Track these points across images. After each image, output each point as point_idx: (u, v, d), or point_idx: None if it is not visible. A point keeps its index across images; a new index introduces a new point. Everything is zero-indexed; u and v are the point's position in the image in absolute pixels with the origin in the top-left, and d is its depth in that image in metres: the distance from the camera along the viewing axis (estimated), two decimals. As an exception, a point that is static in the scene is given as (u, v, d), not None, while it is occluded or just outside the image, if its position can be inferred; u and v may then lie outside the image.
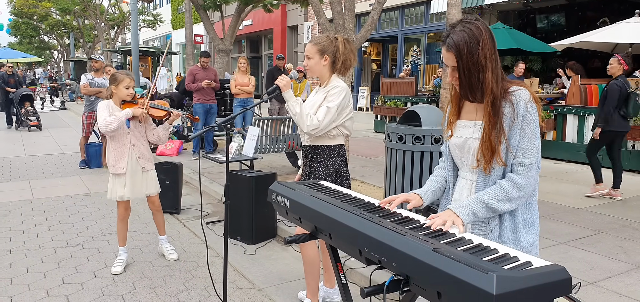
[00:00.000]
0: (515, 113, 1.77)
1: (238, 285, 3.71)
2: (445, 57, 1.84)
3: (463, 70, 1.79)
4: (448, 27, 1.85)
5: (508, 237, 1.84)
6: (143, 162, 3.92)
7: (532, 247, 1.84)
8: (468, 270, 1.25)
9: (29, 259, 4.17)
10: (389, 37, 17.93)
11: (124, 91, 3.83)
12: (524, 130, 1.77)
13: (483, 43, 1.76)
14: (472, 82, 1.80)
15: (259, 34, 25.59)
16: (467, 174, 1.95)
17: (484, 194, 1.80)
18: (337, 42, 2.96)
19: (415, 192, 2.02)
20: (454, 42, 1.78)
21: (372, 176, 7.09)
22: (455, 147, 1.95)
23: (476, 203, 1.79)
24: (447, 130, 1.99)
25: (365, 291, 1.56)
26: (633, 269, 3.76)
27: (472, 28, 1.77)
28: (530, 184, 1.78)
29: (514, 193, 1.77)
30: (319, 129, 2.88)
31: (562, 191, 6.29)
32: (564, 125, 8.50)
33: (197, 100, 8.62)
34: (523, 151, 1.78)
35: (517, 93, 1.78)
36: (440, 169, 2.12)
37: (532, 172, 1.78)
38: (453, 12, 5.16)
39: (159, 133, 3.99)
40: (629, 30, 8.86)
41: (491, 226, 1.85)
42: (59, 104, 21.85)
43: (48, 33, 36.40)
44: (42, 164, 8.58)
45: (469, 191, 1.92)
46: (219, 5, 12.42)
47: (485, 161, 1.81)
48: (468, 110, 1.93)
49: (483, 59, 1.76)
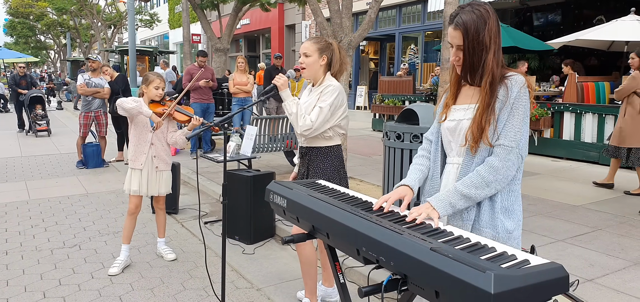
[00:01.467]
0: (507, 96, 1.79)
1: (236, 285, 3.70)
2: (452, 35, 1.85)
3: (468, 49, 1.81)
4: (457, 8, 1.87)
5: (485, 221, 1.83)
6: (157, 162, 4.00)
7: (510, 236, 1.83)
8: (466, 269, 1.25)
9: (25, 260, 4.16)
10: (387, 36, 17.93)
11: (153, 91, 3.95)
12: (512, 113, 1.79)
13: (490, 25, 1.80)
14: (475, 61, 1.82)
15: (257, 33, 25.56)
16: (454, 158, 1.95)
17: (461, 184, 1.80)
18: (333, 47, 3.00)
19: (405, 185, 1.99)
20: (463, 21, 1.80)
21: (370, 175, 7.09)
22: (447, 131, 1.95)
23: (454, 195, 1.79)
24: (442, 113, 1.99)
25: (363, 291, 1.55)
26: (631, 266, 3.77)
27: (481, 9, 1.81)
28: (507, 167, 1.78)
29: (490, 177, 1.77)
30: (313, 130, 2.88)
31: (560, 188, 6.30)
32: (561, 122, 8.51)
33: (194, 99, 8.61)
34: (506, 133, 1.79)
35: (513, 77, 1.81)
36: (422, 158, 2.09)
37: (511, 156, 1.78)
38: (450, 11, 5.16)
39: (176, 137, 4.06)
40: (625, 28, 8.88)
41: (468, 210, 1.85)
42: (55, 104, 21.79)
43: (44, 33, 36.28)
44: (39, 165, 8.55)
45: (455, 175, 1.92)
46: (216, 4, 12.40)
47: (473, 139, 1.82)
48: (464, 95, 1.94)
49: (488, 40, 1.79)
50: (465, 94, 1.94)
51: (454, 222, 1.89)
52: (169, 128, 4.08)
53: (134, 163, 3.97)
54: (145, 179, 3.98)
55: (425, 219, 1.72)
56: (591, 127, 8.06)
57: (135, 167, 3.96)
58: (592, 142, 8.02)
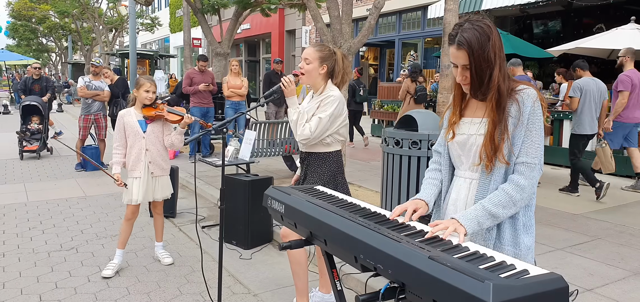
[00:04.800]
0: (520, 112, 1.75)
1: (233, 290, 3.68)
2: (455, 55, 1.79)
3: (475, 67, 1.76)
4: (455, 26, 1.81)
5: (507, 239, 1.81)
6: (152, 168, 3.98)
7: (529, 251, 1.82)
8: (464, 278, 1.23)
9: (22, 263, 4.13)
10: (387, 42, 17.96)
11: (143, 95, 3.93)
12: (529, 129, 1.75)
13: (493, 39, 1.75)
14: (483, 79, 1.77)
15: (257, 38, 25.60)
16: (465, 172, 1.91)
17: (488, 202, 1.75)
18: (336, 56, 2.98)
19: (420, 199, 1.95)
20: (466, 39, 1.74)
21: (369, 180, 7.07)
22: (457, 145, 1.91)
23: (481, 212, 1.75)
24: (448, 131, 1.95)
25: (360, 299, 1.53)
26: (631, 276, 3.75)
27: (482, 25, 1.76)
28: (532, 185, 1.76)
29: (517, 196, 1.75)
30: (311, 139, 2.88)
31: (560, 197, 6.28)
32: (560, 130, 8.51)
33: (194, 103, 8.61)
34: (527, 150, 1.76)
35: (524, 92, 1.77)
36: (435, 171, 2.06)
37: (534, 173, 1.76)
38: (450, 18, 5.16)
39: (172, 138, 4.05)
40: (624, 36, 8.89)
41: (489, 228, 1.83)
42: (56, 107, 21.78)
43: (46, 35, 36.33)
44: (38, 167, 8.54)
45: (468, 190, 1.89)
46: (217, 8, 12.41)
47: (487, 158, 1.78)
48: (472, 108, 1.90)
49: (493, 55, 1.75)
50: (471, 107, 1.91)
51: (477, 242, 1.85)
52: (164, 132, 4.06)
53: (133, 173, 3.94)
54: (143, 187, 3.96)
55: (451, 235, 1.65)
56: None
57: (134, 176, 3.94)
58: (592, 150, 8.00)
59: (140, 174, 3.94)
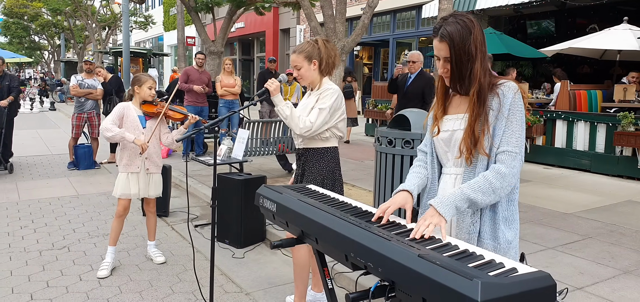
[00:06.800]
0: (500, 104, 1.78)
1: (225, 289, 3.68)
2: (438, 48, 1.83)
3: (455, 60, 1.80)
4: (439, 20, 1.85)
5: (486, 232, 1.82)
6: (148, 164, 3.99)
7: (510, 246, 1.83)
8: (453, 276, 1.24)
9: (13, 261, 4.11)
10: (381, 41, 17.98)
11: (146, 91, 3.95)
12: (510, 119, 1.78)
13: (474, 34, 1.79)
14: (463, 72, 1.81)
15: (251, 37, 25.56)
16: (451, 168, 1.93)
17: (467, 188, 1.76)
18: (318, 44, 2.98)
19: (405, 190, 1.93)
20: (448, 32, 1.79)
21: (362, 180, 7.08)
22: (441, 142, 1.94)
23: (459, 198, 1.75)
24: (433, 127, 1.97)
25: (350, 297, 1.54)
26: (620, 275, 3.78)
27: (465, 19, 1.80)
28: (513, 174, 1.77)
29: (497, 183, 1.76)
30: (312, 130, 2.88)
31: (551, 196, 6.32)
32: (553, 130, 8.55)
33: (188, 102, 8.58)
34: (508, 139, 1.78)
35: (505, 85, 1.81)
36: (419, 167, 2.05)
37: (515, 162, 1.77)
38: (444, 17, 5.18)
39: (172, 137, 4.05)
40: (617, 36, 8.96)
41: (474, 220, 1.84)
42: (48, 105, 21.67)
43: (38, 33, 36.09)
44: (30, 165, 8.48)
45: (453, 184, 1.90)
46: (210, 7, 12.39)
47: (467, 151, 1.81)
48: (455, 104, 1.93)
49: (474, 49, 1.78)
50: (455, 103, 1.94)
51: (461, 237, 1.86)
52: (161, 130, 4.06)
53: (130, 167, 3.93)
54: (137, 182, 3.96)
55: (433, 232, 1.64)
56: (583, 135, 8.10)
57: (132, 171, 3.94)
58: (584, 150, 8.06)
59: (137, 170, 3.94)
